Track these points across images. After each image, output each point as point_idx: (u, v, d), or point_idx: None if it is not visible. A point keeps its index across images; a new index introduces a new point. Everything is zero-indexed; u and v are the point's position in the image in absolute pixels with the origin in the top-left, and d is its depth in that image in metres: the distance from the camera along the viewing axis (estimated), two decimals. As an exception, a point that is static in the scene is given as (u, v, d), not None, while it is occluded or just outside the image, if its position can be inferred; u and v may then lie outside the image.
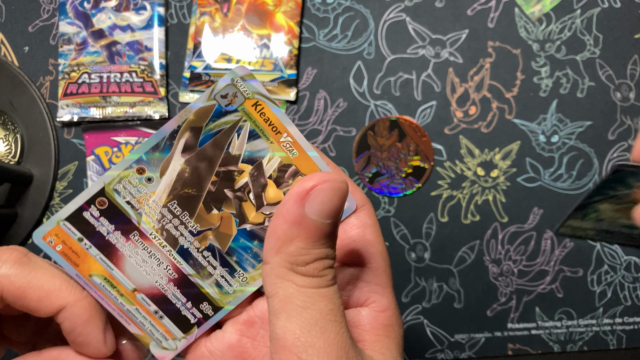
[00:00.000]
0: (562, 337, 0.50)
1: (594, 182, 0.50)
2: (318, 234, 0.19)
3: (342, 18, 0.51)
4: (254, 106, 0.21)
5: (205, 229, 0.22)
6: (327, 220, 0.19)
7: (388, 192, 0.50)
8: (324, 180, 0.19)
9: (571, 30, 0.50)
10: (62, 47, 0.50)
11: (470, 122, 0.50)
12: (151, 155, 0.21)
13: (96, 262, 0.22)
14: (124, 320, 0.23)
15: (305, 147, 0.22)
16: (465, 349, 0.50)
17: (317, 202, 0.19)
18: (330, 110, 0.50)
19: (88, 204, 0.22)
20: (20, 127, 0.50)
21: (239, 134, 0.21)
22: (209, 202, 0.22)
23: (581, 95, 0.50)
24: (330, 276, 0.20)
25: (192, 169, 0.21)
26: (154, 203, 0.22)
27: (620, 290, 0.50)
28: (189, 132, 0.21)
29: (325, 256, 0.20)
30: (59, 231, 0.22)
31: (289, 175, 0.22)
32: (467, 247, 0.50)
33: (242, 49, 0.50)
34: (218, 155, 0.21)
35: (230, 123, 0.21)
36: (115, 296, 0.23)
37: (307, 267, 0.19)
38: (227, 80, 0.21)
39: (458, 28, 0.51)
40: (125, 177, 0.22)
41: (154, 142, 0.21)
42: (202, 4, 0.50)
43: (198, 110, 0.21)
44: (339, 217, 0.19)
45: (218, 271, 0.23)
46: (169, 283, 0.23)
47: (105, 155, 0.49)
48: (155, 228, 0.22)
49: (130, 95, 0.49)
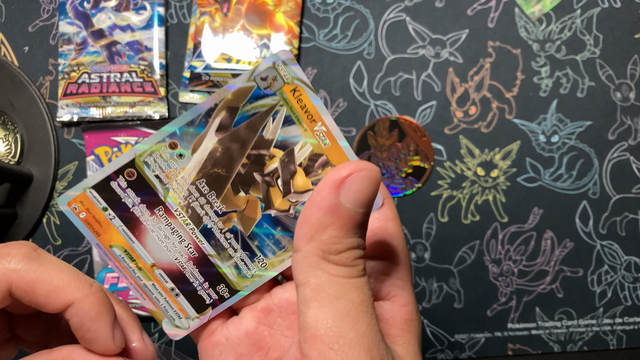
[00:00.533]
0: (562, 337, 0.50)
1: (593, 182, 0.50)
2: (352, 223, 0.19)
3: (342, 18, 0.51)
4: (292, 92, 0.21)
5: (230, 211, 0.22)
6: (360, 209, 0.19)
7: (388, 192, 0.50)
8: (360, 168, 0.19)
9: (571, 30, 0.50)
10: (62, 47, 0.50)
11: (470, 122, 0.50)
12: (185, 130, 0.21)
13: (118, 233, 0.22)
14: (140, 294, 0.23)
15: (338, 137, 0.21)
16: (466, 349, 0.50)
17: (353, 191, 0.19)
18: (330, 110, 0.50)
19: (116, 174, 0.22)
20: (20, 127, 0.50)
21: (274, 119, 0.21)
22: (237, 184, 0.22)
23: (581, 95, 0.50)
24: (361, 266, 0.20)
25: (224, 149, 0.21)
26: (183, 179, 0.22)
27: (620, 290, 0.50)
28: (225, 111, 0.21)
29: (357, 246, 0.20)
30: (84, 198, 0.22)
31: (319, 165, 0.22)
32: (467, 247, 0.50)
33: (242, 49, 0.50)
34: (251, 138, 0.21)
35: (267, 106, 0.21)
36: (133, 269, 0.23)
37: (340, 256, 0.19)
38: (269, 63, 0.20)
39: (458, 28, 0.51)
40: (157, 150, 0.21)
41: (190, 117, 0.21)
42: (202, 4, 0.50)
43: (236, 91, 0.21)
44: (371, 206, 0.19)
45: (239, 254, 0.23)
46: (188, 261, 0.23)
47: (105, 155, 0.49)
48: (181, 205, 0.22)
49: (130, 95, 0.49)
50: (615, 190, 0.50)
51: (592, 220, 0.50)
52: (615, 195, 0.50)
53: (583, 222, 0.50)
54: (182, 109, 0.50)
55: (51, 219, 0.50)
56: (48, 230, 0.50)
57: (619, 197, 0.50)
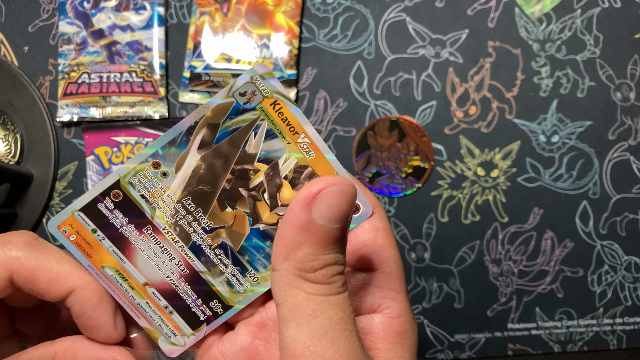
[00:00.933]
0: (562, 338, 0.50)
1: (594, 182, 0.50)
2: (326, 240, 0.19)
3: (342, 18, 0.51)
4: (272, 105, 0.21)
5: (218, 227, 0.22)
6: (335, 225, 0.19)
7: (388, 192, 0.50)
8: (331, 183, 0.18)
9: (571, 30, 0.50)
10: (62, 47, 0.50)
11: (471, 122, 0.50)
12: (167, 150, 0.21)
13: (109, 254, 0.22)
14: (134, 313, 0.23)
15: (322, 149, 0.21)
16: (466, 349, 0.50)
17: (325, 206, 0.18)
18: (330, 110, 0.50)
19: (103, 196, 0.22)
20: (20, 127, 0.50)
21: (256, 133, 0.21)
22: (223, 199, 0.22)
23: (581, 95, 0.50)
24: (340, 283, 0.19)
25: (208, 165, 0.21)
26: (169, 198, 0.22)
27: (620, 290, 0.50)
28: (206, 128, 0.21)
29: (335, 262, 0.19)
30: (73, 221, 0.22)
31: (305, 176, 0.22)
32: (467, 247, 0.50)
33: (242, 48, 0.50)
34: (234, 153, 0.21)
35: (247, 121, 0.21)
36: (126, 289, 0.23)
37: (316, 274, 0.19)
38: (247, 78, 0.21)
39: (458, 28, 0.51)
40: (141, 170, 0.21)
41: (171, 136, 0.21)
42: (202, 3, 0.50)
43: (216, 107, 0.21)
44: (348, 221, 0.19)
45: (229, 269, 0.23)
46: (180, 279, 0.23)
47: (105, 155, 0.49)
48: (168, 223, 0.22)
49: (130, 95, 0.49)
50: (615, 190, 0.50)
51: (592, 220, 0.50)
52: (615, 195, 0.50)
53: (583, 222, 0.50)
54: (182, 109, 0.50)
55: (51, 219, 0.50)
56: (48, 230, 0.50)
57: (619, 197, 0.50)
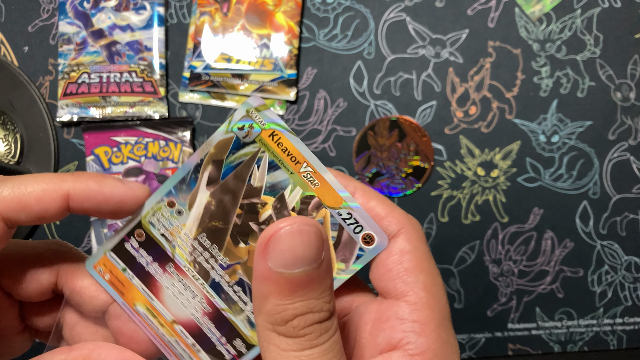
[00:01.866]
0: (562, 338, 0.50)
1: (594, 182, 0.50)
2: (290, 287, 0.17)
3: (342, 18, 0.51)
4: (270, 136, 0.21)
5: (234, 263, 0.22)
6: (295, 270, 0.17)
7: (388, 192, 0.50)
8: (279, 227, 0.17)
9: (571, 30, 0.50)
10: (62, 47, 0.50)
11: (471, 122, 0.50)
12: (179, 188, 0.22)
13: (139, 291, 0.23)
14: (166, 351, 0.23)
15: (325, 176, 0.21)
16: (466, 349, 0.50)
17: (277, 252, 0.17)
18: (330, 110, 0.50)
19: (128, 236, 0.22)
20: (20, 127, 0.50)
21: (259, 166, 0.21)
22: (235, 235, 0.22)
23: (581, 95, 0.50)
24: (316, 334, 0.17)
25: (218, 201, 0.22)
26: (185, 236, 0.22)
27: (620, 290, 0.50)
28: (211, 165, 0.21)
29: (308, 310, 0.17)
30: (106, 261, 0.23)
31: (313, 207, 0.21)
32: (467, 247, 0.50)
33: (242, 48, 0.50)
34: (240, 188, 0.21)
35: (249, 154, 0.21)
36: (157, 326, 0.23)
37: (287, 327, 0.17)
38: (242, 112, 0.21)
39: (458, 28, 0.51)
40: (158, 210, 0.22)
41: (181, 175, 0.22)
42: (202, 3, 0.50)
43: (218, 143, 0.21)
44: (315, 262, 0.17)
45: (249, 307, 0.22)
46: (204, 316, 0.23)
47: (105, 155, 0.49)
48: (188, 260, 0.22)
49: (130, 95, 0.49)
50: (615, 190, 0.50)
51: (592, 220, 0.50)
52: (615, 195, 0.50)
53: (583, 222, 0.50)
54: (182, 108, 0.50)
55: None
56: (48, 230, 0.50)
57: (619, 197, 0.50)
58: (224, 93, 0.50)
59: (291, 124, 0.50)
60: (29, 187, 0.19)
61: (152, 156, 0.49)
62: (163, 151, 0.49)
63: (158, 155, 0.49)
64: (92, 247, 0.49)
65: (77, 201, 0.20)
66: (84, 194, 0.20)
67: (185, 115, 0.50)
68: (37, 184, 0.20)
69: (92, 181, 0.20)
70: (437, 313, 0.19)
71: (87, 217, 0.50)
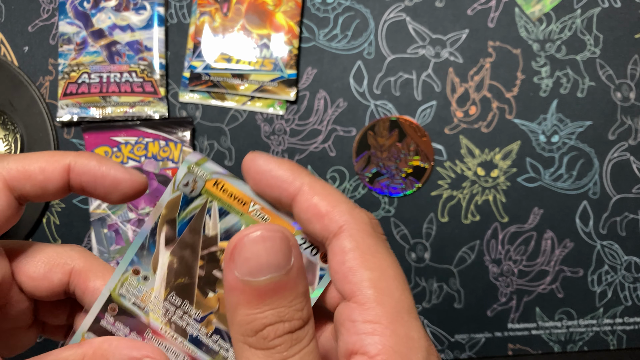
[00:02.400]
0: (562, 338, 0.50)
1: (594, 182, 0.50)
2: (258, 296, 0.17)
3: (342, 18, 0.51)
4: (215, 185, 0.22)
5: (207, 314, 0.22)
6: (262, 278, 0.16)
7: (388, 192, 0.50)
8: (242, 235, 0.17)
9: (571, 30, 0.50)
10: (62, 47, 0.50)
11: (471, 122, 0.50)
12: (141, 255, 0.22)
13: None
14: None
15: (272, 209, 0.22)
16: (466, 349, 0.50)
17: (242, 261, 0.17)
18: (330, 110, 0.50)
19: (102, 313, 0.23)
20: (20, 127, 0.50)
21: (210, 215, 0.22)
22: (203, 286, 0.22)
23: (581, 95, 0.50)
24: (287, 345, 0.17)
25: (179, 258, 0.22)
26: (156, 299, 0.23)
27: (620, 290, 0.50)
28: (166, 225, 0.22)
29: (278, 319, 0.17)
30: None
31: None
32: (467, 247, 0.50)
33: (242, 48, 0.50)
34: (197, 240, 0.22)
35: (199, 207, 0.22)
36: None
37: (257, 338, 0.17)
38: (184, 170, 0.22)
39: (458, 28, 0.51)
40: (125, 280, 0.22)
41: (139, 242, 0.22)
42: (202, 3, 0.50)
43: (167, 204, 0.22)
44: (282, 268, 0.17)
45: (231, 352, 0.23)
46: None
47: (105, 155, 0.49)
48: (163, 322, 0.23)
49: (130, 95, 0.49)
50: (615, 190, 0.50)
51: (592, 220, 0.50)
52: (615, 195, 0.50)
53: (583, 222, 0.50)
54: (182, 108, 0.50)
55: (51, 219, 0.50)
56: (48, 230, 0.50)
57: (619, 197, 0.50)
58: (224, 93, 0.50)
59: (291, 124, 0.50)
60: (32, 159, 0.20)
61: (152, 156, 0.49)
62: (163, 151, 0.49)
63: (158, 155, 0.49)
64: (92, 247, 0.49)
65: (76, 173, 0.21)
66: (84, 167, 0.21)
67: (185, 116, 0.50)
68: (40, 157, 0.20)
69: (93, 158, 0.21)
70: (390, 308, 0.18)
71: (87, 217, 0.50)
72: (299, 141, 0.50)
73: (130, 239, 0.49)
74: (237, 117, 0.50)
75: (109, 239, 0.49)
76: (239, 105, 0.50)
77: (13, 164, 0.20)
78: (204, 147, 0.50)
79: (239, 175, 0.22)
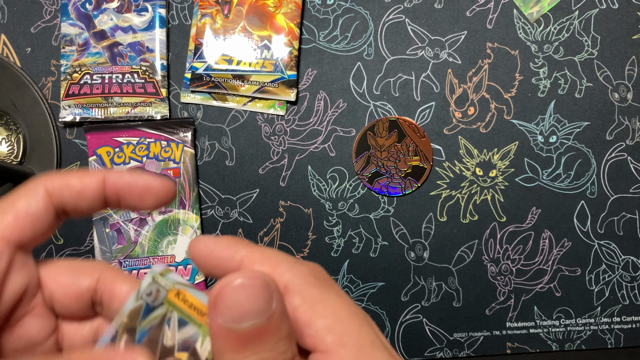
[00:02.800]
0: (560, 336, 0.51)
1: (591, 182, 0.51)
2: (241, 342, 0.17)
3: (342, 19, 0.51)
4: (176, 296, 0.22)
5: None
6: (243, 325, 0.17)
7: (387, 192, 0.50)
8: (224, 284, 0.17)
9: (569, 31, 0.51)
10: (64, 48, 0.50)
11: (469, 122, 0.51)
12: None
13: None
14: None
15: None
16: (464, 347, 0.50)
17: (224, 309, 0.17)
18: (330, 111, 0.51)
19: None
20: (23, 128, 0.50)
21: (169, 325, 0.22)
22: None
23: (579, 95, 0.51)
24: None
25: None
26: None
27: (618, 289, 0.51)
28: (126, 334, 0.22)
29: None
30: None
31: None
32: (465, 246, 0.50)
33: (243, 50, 0.50)
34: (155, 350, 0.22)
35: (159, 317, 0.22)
36: None
37: None
38: (149, 279, 0.22)
39: (457, 29, 0.51)
40: None
41: None
42: (203, 5, 0.51)
43: (130, 313, 0.22)
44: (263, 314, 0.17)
45: None
46: None
47: (107, 155, 0.50)
48: None
49: (131, 96, 0.50)
50: (612, 190, 0.51)
51: (589, 220, 0.51)
52: (613, 195, 0.51)
53: (581, 222, 0.51)
54: (183, 109, 0.51)
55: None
56: (50, 230, 0.51)
57: (617, 197, 0.51)
58: (225, 94, 0.50)
59: (291, 124, 0.51)
60: (71, 173, 0.21)
61: (154, 156, 0.50)
62: (165, 151, 0.50)
63: (160, 155, 0.50)
64: (94, 246, 0.50)
65: (111, 182, 0.21)
66: (117, 177, 0.21)
67: (186, 116, 0.51)
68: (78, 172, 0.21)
69: (124, 171, 0.22)
70: (352, 347, 0.19)
71: (89, 216, 0.50)
72: (299, 141, 0.51)
73: (132, 239, 0.50)
74: (237, 118, 0.51)
75: (110, 238, 0.50)
76: (240, 106, 0.51)
77: (54, 175, 0.21)
78: (205, 147, 0.51)
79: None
